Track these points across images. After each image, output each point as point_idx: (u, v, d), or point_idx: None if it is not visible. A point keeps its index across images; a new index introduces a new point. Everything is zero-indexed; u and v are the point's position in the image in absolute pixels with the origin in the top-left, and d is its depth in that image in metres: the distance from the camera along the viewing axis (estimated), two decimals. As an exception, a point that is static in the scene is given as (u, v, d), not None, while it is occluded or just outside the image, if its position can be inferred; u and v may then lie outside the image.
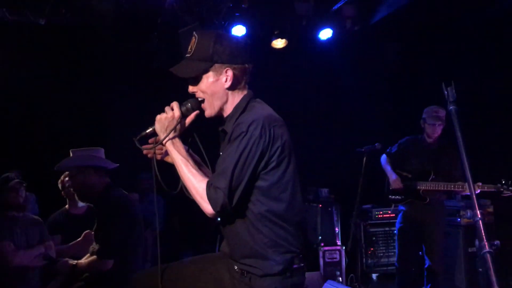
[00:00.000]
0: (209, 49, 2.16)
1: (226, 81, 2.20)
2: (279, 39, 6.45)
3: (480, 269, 1.45)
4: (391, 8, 6.05)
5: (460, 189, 4.87)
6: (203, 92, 2.24)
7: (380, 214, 6.81)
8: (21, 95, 6.41)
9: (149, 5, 5.65)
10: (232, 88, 2.23)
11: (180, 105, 2.27)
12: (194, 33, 2.23)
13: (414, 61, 7.21)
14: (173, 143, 2.24)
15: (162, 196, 7.01)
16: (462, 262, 5.64)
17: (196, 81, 2.24)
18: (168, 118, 2.22)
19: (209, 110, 2.28)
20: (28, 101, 6.47)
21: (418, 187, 5.07)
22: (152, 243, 6.22)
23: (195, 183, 2.15)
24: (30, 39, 6.13)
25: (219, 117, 2.30)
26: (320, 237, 6.18)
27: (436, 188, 4.97)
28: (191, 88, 2.28)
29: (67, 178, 4.38)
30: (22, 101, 6.45)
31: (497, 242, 1.51)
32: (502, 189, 4.63)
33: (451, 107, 1.96)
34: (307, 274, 2.80)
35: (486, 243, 1.53)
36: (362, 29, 6.56)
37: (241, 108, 2.24)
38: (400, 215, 5.28)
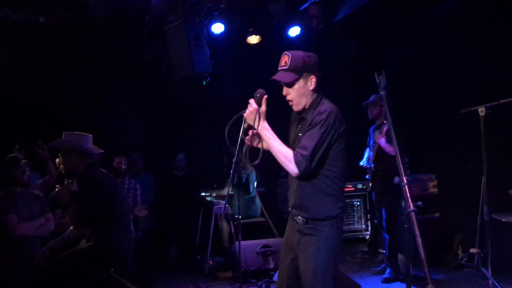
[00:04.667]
0: (301, 63, 2.60)
1: (311, 85, 2.64)
2: (254, 36, 6.43)
3: (406, 226, 1.50)
4: (351, 8, 6.06)
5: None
6: (292, 94, 2.65)
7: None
8: (23, 86, 6.32)
9: (137, 4, 5.56)
10: (314, 90, 2.66)
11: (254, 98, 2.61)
12: (286, 52, 2.63)
13: (370, 55, 7.25)
14: (263, 127, 2.59)
15: (151, 174, 7.01)
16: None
17: (290, 86, 2.64)
18: (252, 111, 2.57)
19: (297, 106, 2.70)
20: (30, 91, 6.38)
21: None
22: (144, 216, 6.21)
23: (285, 152, 2.55)
24: (31, 35, 6.02)
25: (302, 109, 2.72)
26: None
27: (373, 157, 5.17)
28: (285, 91, 2.67)
29: None
30: (25, 91, 6.36)
31: (419, 202, 1.56)
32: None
33: (382, 93, 2.03)
34: (279, 239, 2.90)
35: (411, 203, 1.57)
36: (326, 27, 6.56)
37: (316, 103, 2.67)
38: None
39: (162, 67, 6.13)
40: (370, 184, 5.49)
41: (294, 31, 6.47)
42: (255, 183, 6.41)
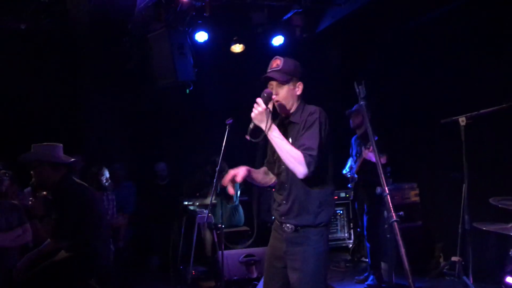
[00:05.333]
0: (292, 68, 2.71)
1: (298, 90, 2.74)
2: (237, 45, 6.44)
3: (388, 236, 1.50)
4: (333, 18, 6.13)
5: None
6: (282, 95, 2.70)
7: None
8: (2, 93, 6.18)
9: (120, 12, 5.51)
10: (299, 96, 2.75)
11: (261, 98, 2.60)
12: (277, 56, 2.74)
13: (353, 64, 7.31)
14: (272, 128, 2.57)
15: (133, 183, 6.92)
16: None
17: (279, 87, 2.70)
18: (261, 112, 2.54)
19: (283, 109, 2.74)
20: (9, 99, 6.25)
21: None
22: (125, 226, 6.13)
23: (294, 153, 2.51)
24: (11, 42, 5.92)
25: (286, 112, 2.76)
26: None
27: (357, 168, 5.19)
28: (275, 91, 2.70)
29: None
30: (4, 98, 6.22)
31: (401, 212, 1.56)
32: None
33: (361, 102, 2.04)
34: (262, 248, 2.88)
35: (393, 214, 1.57)
36: (309, 37, 6.60)
37: (302, 107, 2.74)
38: None
39: (145, 75, 6.08)
40: (353, 193, 5.52)
41: (277, 40, 6.49)
42: (239, 192, 6.38)
